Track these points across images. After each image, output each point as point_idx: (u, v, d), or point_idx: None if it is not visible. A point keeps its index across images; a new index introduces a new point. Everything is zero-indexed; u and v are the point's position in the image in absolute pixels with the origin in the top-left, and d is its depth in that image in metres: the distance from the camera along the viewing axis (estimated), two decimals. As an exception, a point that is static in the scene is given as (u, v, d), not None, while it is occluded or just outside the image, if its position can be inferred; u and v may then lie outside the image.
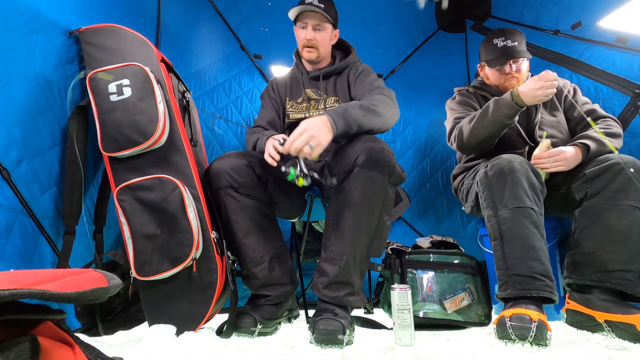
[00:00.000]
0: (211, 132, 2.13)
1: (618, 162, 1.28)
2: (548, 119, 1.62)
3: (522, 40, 1.65)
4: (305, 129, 1.19)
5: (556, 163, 1.41)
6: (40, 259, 1.14)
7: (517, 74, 1.64)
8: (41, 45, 1.17)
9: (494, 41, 1.66)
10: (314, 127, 1.19)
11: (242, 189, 1.34)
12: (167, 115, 1.25)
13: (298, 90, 1.70)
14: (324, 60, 1.70)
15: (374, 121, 1.33)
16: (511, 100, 1.44)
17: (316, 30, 1.61)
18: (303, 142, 1.17)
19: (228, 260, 1.27)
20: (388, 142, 2.52)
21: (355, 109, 1.28)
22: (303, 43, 1.62)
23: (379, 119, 1.34)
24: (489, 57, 1.68)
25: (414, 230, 2.41)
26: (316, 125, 1.20)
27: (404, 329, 1.12)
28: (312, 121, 1.21)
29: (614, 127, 1.50)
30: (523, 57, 1.63)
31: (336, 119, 1.23)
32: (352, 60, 1.68)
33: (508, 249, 1.22)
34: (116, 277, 0.56)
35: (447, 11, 2.50)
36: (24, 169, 1.11)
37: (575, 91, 1.68)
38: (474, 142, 1.57)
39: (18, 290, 0.40)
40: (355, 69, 1.64)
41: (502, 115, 1.46)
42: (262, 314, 1.28)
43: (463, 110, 1.70)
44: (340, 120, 1.24)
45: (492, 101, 1.50)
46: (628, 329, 1.09)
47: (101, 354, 0.57)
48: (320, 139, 1.18)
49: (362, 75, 1.60)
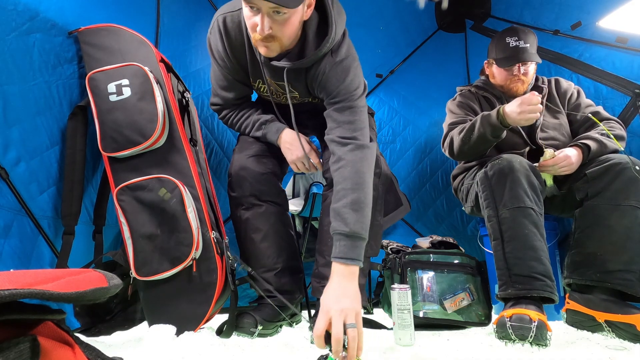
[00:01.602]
0: (211, 132, 2.13)
1: (619, 163, 1.27)
2: (550, 122, 1.62)
3: (534, 42, 1.61)
4: (327, 316, 0.92)
5: (562, 169, 1.40)
6: (38, 259, 1.14)
7: (524, 76, 1.62)
8: (40, 44, 1.16)
9: (507, 40, 1.61)
10: (341, 309, 0.92)
11: (264, 196, 1.35)
12: (167, 115, 1.25)
13: (257, 73, 1.30)
14: (289, 46, 1.18)
15: (367, 209, 1.08)
16: (496, 119, 1.42)
17: (274, 15, 1.04)
18: (341, 341, 0.89)
19: (228, 260, 1.27)
20: (388, 142, 2.53)
21: (355, 225, 1.03)
22: (254, 34, 1.10)
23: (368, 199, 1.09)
24: (499, 56, 1.64)
25: (414, 230, 2.41)
26: (340, 300, 0.94)
27: (404, 329, 1.12)
28: (333, 295, 0.96)
29: (617, 130, 1.49)
30: (533, 61, 1.61)
31: (349, 260, 1.00)
32: (327, 48, 1.16)
33: (508, 248, 1.22)
34: (116, 277, 0.56)
35: (447, 11, 2.50)
36: (22, 169, 1.11)
37: (579, 93, 1.67)
38: (463, 154, 1.60)
39: (18, 290, 0.40)
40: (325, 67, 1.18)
41: (487, 132, 1.45)
42: (263, 315, 1.27)
43: (461, 114, 1.69)
44: (354, 255, 1.01)
45: (479, 117, 1.49)
46: (628, 329, 1.09)
47: (101, 354, 0.57)
48: (356, 308, 0.94)
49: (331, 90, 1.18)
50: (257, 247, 1.34)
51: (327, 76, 1.18)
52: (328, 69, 1.18)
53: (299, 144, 1.32)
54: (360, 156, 1.11)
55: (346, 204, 1.05)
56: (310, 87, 1.26)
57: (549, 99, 1.66)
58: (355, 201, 1.05)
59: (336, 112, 1.18)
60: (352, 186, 1.07)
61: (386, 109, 2.58)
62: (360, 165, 1.10)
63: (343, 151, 1.12)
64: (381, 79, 2.60)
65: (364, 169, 1.10)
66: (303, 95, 1.32)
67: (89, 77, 1.22)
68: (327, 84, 1.19)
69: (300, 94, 1.32)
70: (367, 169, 1.11)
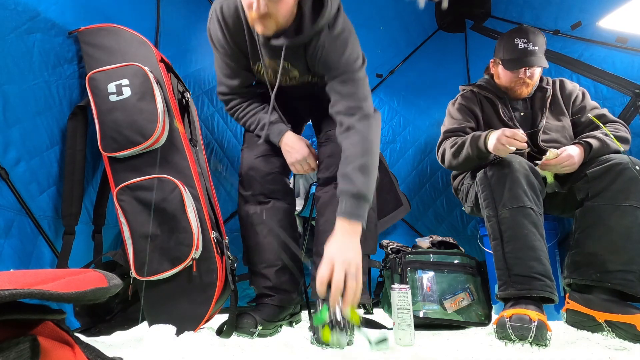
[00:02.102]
0: (211, 132, 2.13)
1: (620, 163, 1.27)
2: (553, 124, 1.60)
3: (543, 44, 1.57)
4: (331, 264, 0.98)
5: (564, 169, 1.39)
6: (38, 259, 1.14)
7: (529, 80, 1.59)
8: (40, 45, 1.17)
9: (515, 41, 1.56)
10: (343, 259, 0.99)
11: (272, 194, 1.39)
12: (167, 115, 1.25)
13: (256, 56, 1.30)
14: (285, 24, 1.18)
15: (374, 174, 1.15)
16: (483, 144, 1.42)
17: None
18: (340, 288, 0.95)
19: (228, 260, 1.27)
20: (388, 142, 2.53)
21: (362, 186, 1.08)
22: (250, 13, 1.11)
23: (375, 166, 1.16)
24: (506, 57, 1.60)
25: (414, 230, 2.41)
26: (343, 251, 1.01)
27: (404, 329, 1.12)
28: (336, 246, 1.02)
29: (622, 132, 1.47)
30: (540, 66, 1.57)
31: (354, 217, 1.06)
32: (324, 23, 1.16)
33: (508, 249, 1.22)
34: (116, 277, 0.56)
35: (447, 11, 2.50)
36: (22, 169, 1.11)
37: (584, 95, 1.64)
38: (452, 167, 1.64)
39: (18, 290, 0.40)
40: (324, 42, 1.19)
41: (473, 154, 1.46)
42: (263, 315, 1.27)
43: (459, 120, 1.67)
44: (359, 212, 1.07)
45: (470, 137, 1.49)
46: (628, 329, 1.09)
47: (101, 354, 0.57)
48: (357, 261, 1.00)
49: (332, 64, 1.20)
50: (261, 242, 1.36)
51: (326, 51, 1.20)
52: (327, 43, 1.19)
53: (299, 147, 1.36)
54: (368, 124, 1.17)
55: (355, 168, 1.10)
56: (311, 65, 1.27)
57: (553, 100, 1.64)
58: (363, 165, 1.11)
59: (339, 85, 1.20)
60: (361, 152, 1.12)
61: (386, 109, 2.58)
62: (367, 133, 1.15)
63: (351, 121, 1.16)
64: (381, 79, 2.60)
65: (372, 137, 1.16)
66: (303, 73, 1.33)
67: (89, 77, 1.22)
68: (328, 58, 1.21)
69: (300, 72, 1.32)
70: (374, 136, 1.17)
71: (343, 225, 1.06)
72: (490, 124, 1.64)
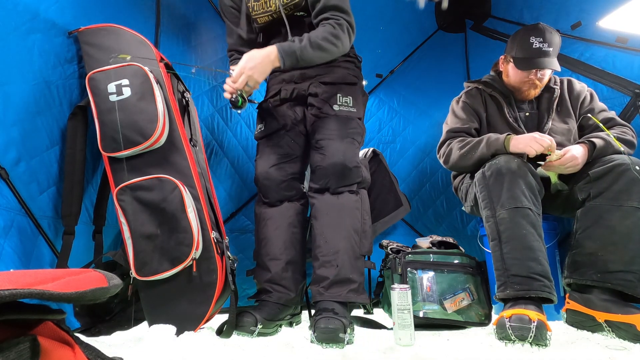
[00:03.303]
0: (211, 132, 2.13)
1: (622, 163, 1.27)
2: (559, 127, 1.57)
3: (558, 46, 1.53)
4: (244, 67, 1.28)
5: (567, 170, 1.38)
6: (38, 259, 1.14)
7: (539, 82, 1.56)
8: (40, 45, 1.16)
9: (530, 39, 1.50)
10: (253, 66, 1.27)
11: (287, 199, 1.49)
12: (167, 115, 1.25)
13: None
14: None
15: (323, 57, 1.38)
16: (502, 147, 1.40)
17: None
18: (242, 83, 1.28)
19: (228, 260, 1.27)
20: (388, 142, 2.53)
21: (306, 50, 1.31)
22: None
23: (327, 55, 1.38)
24: (518, 55, 1.54)
25: (414, 230, 2.41)
26: (256, 63, 1.28)
27: (404, 329, 1.12)
28: (254, 57, 1.29)
29: (629, 135, 1.45)
30: (552, 69, 1.52)
31: (285, 57, 1.30)
32: None
33: (506, 249, 1.22)
34: (116, 277, 0.56)
35: (447, 11, 2.50)
36: (22, 169, 1.11)
37: (592, 97, 1.61)
38: (456, 167, 1.61)
39: (18, 290, 0.40)
40: None
41: (489, 153, 1.43)
42: (263, 314, 1.28)
43: (463, 120, 1.64)
44: (289, 58, 1.30)
45: (485, 139, 1.46)
46: (628, 329, 1.09)
47: (101, 354, 0.57)
48: (258, 77, 1.29)
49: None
50: (269, 235, 1.43)
51: None
52: None
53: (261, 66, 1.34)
54: (340, 23, 1.38)
55: (317, 35, 1.33)
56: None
57: (560, 102, 1.61)
58: (325, 35, 1.33)
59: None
60: (329, 33, 1.35)
61: (386, 109, 2.58)
62: (339, 29, 1.37)
63: (329, 21, 1.38)
64: (381, 79, 2.60)
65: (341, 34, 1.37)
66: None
67: (89, 77, 1.22)
68: None
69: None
70: (343, 32, 1.38)
71: (270, 51, 1.29)
72: (494, 124, 1.62)
